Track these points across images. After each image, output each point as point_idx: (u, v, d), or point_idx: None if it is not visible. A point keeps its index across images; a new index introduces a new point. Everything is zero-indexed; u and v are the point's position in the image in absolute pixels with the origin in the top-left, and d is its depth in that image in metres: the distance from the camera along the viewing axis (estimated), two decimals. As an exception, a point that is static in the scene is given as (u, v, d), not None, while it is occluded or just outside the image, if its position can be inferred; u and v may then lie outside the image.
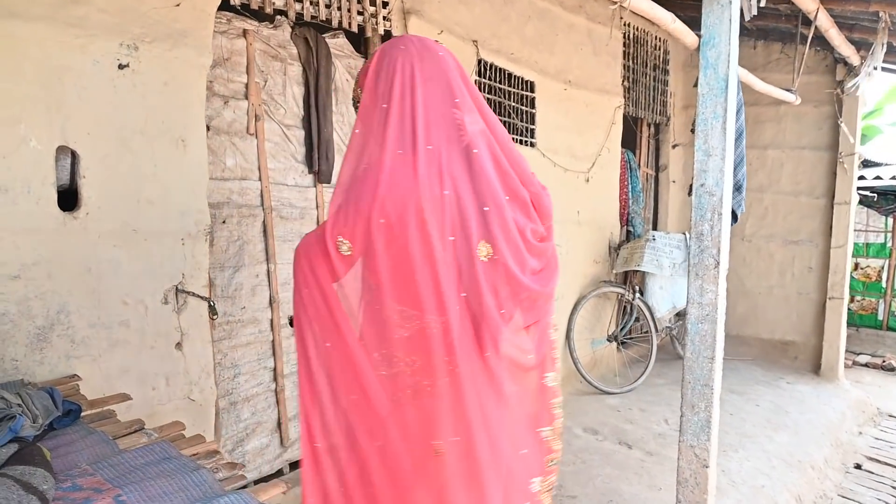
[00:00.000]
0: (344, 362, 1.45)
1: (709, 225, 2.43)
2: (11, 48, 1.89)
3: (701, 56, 2.40)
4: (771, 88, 3.59)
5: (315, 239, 1.46)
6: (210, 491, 1.23)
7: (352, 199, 1.36)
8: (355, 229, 1.36)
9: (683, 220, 6.10)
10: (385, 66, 1.40)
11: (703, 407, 2.47)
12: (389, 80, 1.38)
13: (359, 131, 1.41)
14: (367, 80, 1.42)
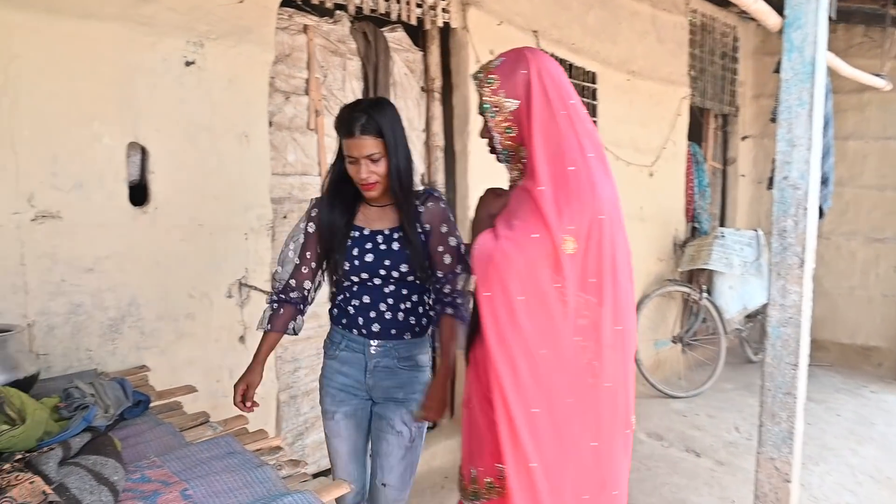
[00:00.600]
0: (561, 367, 1.41)
1: (793, 220, 2.26)
2: (87, 48, 1.94)
3: (784, 38, 2.24)
4: (859, 73, 3.34)
5: (526, 241, 1.36)
6: (273, 488, 1.21)
7: (572, 199, 1.37)
8: (580, 227, 1.38)
9: (754, 216, 5.81)
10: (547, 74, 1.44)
11: (784, 417, 2.30)
12: (556, 88, 1.44)
13: (543, 138, 1.41)
14: (535, 87, 1.42)
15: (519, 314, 1.37)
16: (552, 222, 1.35)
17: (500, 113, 1.44)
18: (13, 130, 1.82)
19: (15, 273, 1.84)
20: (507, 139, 1.47)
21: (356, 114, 1.62)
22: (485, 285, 1.37)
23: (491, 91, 1.44)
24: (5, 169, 1.81)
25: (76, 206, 1.94)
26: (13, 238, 1.84)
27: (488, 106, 1.45)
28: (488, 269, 1.36)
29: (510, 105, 1.43)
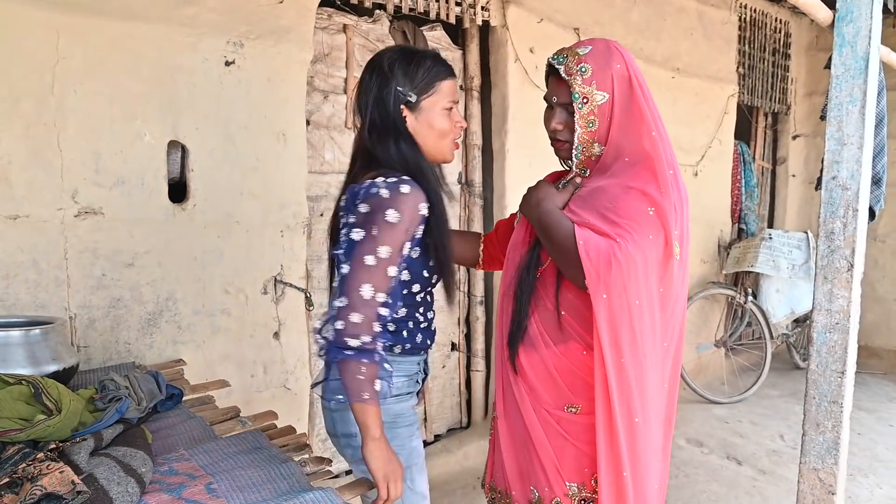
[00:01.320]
0: (655, 375, 1.39)
1: (841, 223, 2.16)
2: (131, 48, 2.00)
3: (836, 33, 2.14)
4: (917, 69, 3.16)
5: (645, 243, 1.31)
6: (297, 484, 1.22)
7: (674, 203, 1.35)
8: (682, 232, 1.36)
9: (804, 218, 5.59)
10: (640, 71, 1.41)
11: (829, 426, 2.21)
12: (647, 87, 1.42)
13: (655, 133, 1.37)
14: (636, 84, 1.38)
15: (635, 319, 1.32)
16: (668, 225, 1.32)
17: (589, 105, 1.36)
18: (59, 129, 1.89)
19: (58, 267, 1.91)
20: (587, 133, 1.39)
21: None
22: (603, 286, 1.29)
23: (583, 80, 1.35)
24: (51, 166, 1.88)
25: (118, 203, 2.00)
26: (57, 233, 1.90)
27: (578, 96, 1.36)
28: (609, 270, 1.28)
29: (600, 98, 1.36)
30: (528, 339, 1.43)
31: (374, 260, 1.24)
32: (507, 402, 1.51)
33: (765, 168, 5.50)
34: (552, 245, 1.37)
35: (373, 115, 1.35)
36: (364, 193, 1.28)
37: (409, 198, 1.26)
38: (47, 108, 1.86)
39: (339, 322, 1.21)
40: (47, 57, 1.85)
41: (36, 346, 1.65)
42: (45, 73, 1.85)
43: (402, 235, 1.26)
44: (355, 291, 1.22)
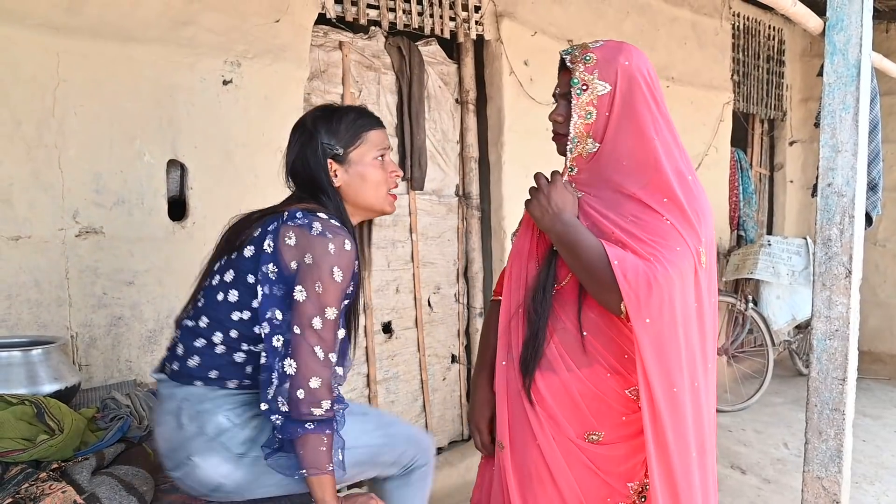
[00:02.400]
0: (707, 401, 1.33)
1: (837, 229, 2.17)
2: (129, 70, 2.02)
3: (827, 41, 2.16)
4: (909, 75, 3.19)
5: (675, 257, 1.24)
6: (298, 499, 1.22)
7: (697, 209, 1.29)
8: (707, 239, 1.30)
9: (803, 224, 5.59)
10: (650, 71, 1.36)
11: (832, 434, 2.20)
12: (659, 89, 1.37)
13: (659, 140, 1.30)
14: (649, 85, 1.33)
15: (682, 343, 1.24)
16: (686, 234, 1.25)
17: (588, 94, 1.30)
18: (60, 150, 1.91)
19: (59, 287, 1.93)
20: (583, 125, 1.31)
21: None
22: (645, 311, 1.20)
23: (585, 68, 1.30)
24: (52, 187, 1.90)
25: (118, 222, 2.02)
26: (58, 253, 1.92)
27: (578, 82, 1.30)
28: (650, 294, 1.20)
29: (601, 88, 1.29)
30: (547, 363, 1.32)
31: (320, 322, 1.19)
32: (517, 432, 1.37)
33: (762, 174, 5.52)
34: (579, 264, 1.27)
35: (302, 174, 1.36)
36: (305, 227, 1.22)
37: (350, 254, 1.24)
38: (48, 130, 1.89)
39: (299, 390, 1.14)
40: (48, 80, 1.88)
41: (38, 366, 1.66)
42: (46, 95, 1.88)
43: (342, 294, 1.24)
44: (310, 355, 1.16)
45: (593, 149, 1.32)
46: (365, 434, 1.36)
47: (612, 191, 1.31)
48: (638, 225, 1.26)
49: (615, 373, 1.30)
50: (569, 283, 1.32)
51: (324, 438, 1.15)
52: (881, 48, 4.86)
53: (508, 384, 1.38)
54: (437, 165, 3.12)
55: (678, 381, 1.24)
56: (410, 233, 3.07)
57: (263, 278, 1.21)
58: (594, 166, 1.33)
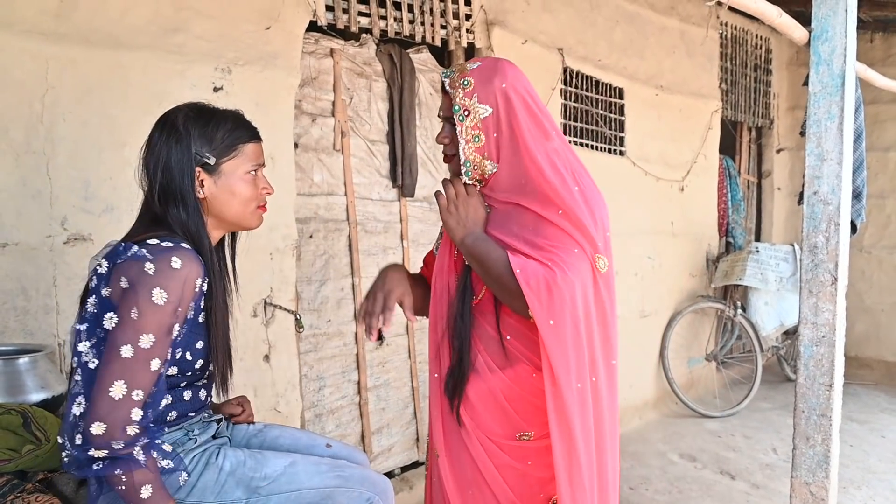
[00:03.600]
0: (608, 396, 1.38)
1: (823, 237, 2.20)
2: (119, 77, 2.02)
3: (812, 52, 2.19)
4: (892, 83, 3.24)
5: (574, 260, 1.30)
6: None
7: (592, 216, 1.34)
8: (607, 244, 1.35)
9: (791, 231, 5.65)
10: (526, 88, 1.39)
11: (819, 440, 2.22)
12: (537, 103, 1.40)
13: (541, 157, 1.34)
14: (526, 104, 1.37)
15: (583, 341, 1.30)
16: (581, 240, 1.31)
17: (471, 118, 1.34)
18: (48, 157, 1.90)
19: (47, 294, 1.91)
20: (474, 149, 1.35)
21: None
22: (547, 313, 1.26)
23: (464, 93, 1.34)
24: (41, 194, 1.89)
25: (106, 229, 2.00)
26: (46, 260, 1.91)
27: (458, 109, 1.33)
28: (552, 296, 1.25)
29: (483, 112, 1.33)
30: (472, 367, 1.38)
31: (131, 351, 1.07)
32: (450, 437, 1.43)
33: (750, 182, 5.57)
34: (487, 275, 1.34)
35: (162, 178, 1.24)
36: (126, 260, 1.11)
37: (180, 272, 1.11)
38: (37, 136, 1.87)
39: (77, 435, 1.04)
40: (36, 86, 1.87)
41: (24, 375, 1.64)
42: (35, 102, 1.86)
43: (168, 318, 1.11)
44: (102, 392, 1.05)
45: (493, 169, 1.38)
46: (318, 475, 1.31)
47: (514, 205, 1.36)
48: (538, 233, 1.32)
49: (539, 371, 1.33)
50: (485, 295, 1.39)
51: (122, 477, 1.07)
52: (865, 58, 4.93)
53: (441, 396, 1.43)
54: (427, 172, 3.13)
55: (582, 378, 1.30)
56: (402, 240, 3.07)
57: (85, 314, 1.12)
58: (497, 185, 1.38)
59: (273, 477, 1.27)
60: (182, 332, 1.18)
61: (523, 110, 1.36)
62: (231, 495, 1.24)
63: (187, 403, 1.28)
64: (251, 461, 1.28)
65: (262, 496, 1.25)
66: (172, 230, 1.23)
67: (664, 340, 4.41)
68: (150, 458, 1.11)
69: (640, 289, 4.16)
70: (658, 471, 3.43)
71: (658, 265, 4.28)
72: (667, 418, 4.28)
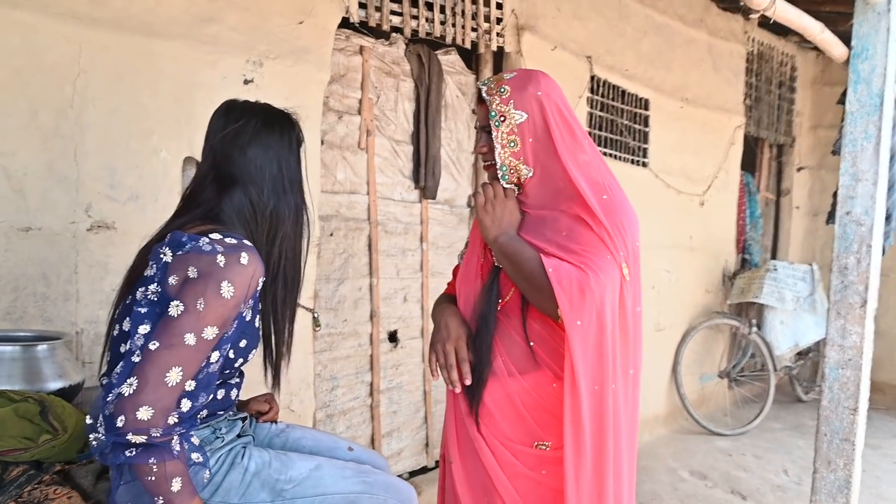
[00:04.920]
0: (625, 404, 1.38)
1: (855, 258, 2.16)
2: (150, 65, 2.00)
3: (851, 70, 2.15)
4: (927, 107, 3.19)
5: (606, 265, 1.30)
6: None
7: (619, 224, 1.35)
8: (627, 253, 1.35)
9: (808, 250, 5.59)
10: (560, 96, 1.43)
11: (841, 465, 2.18)
12: (570, 112, 1.43)
13: (572, 163, 1.37)
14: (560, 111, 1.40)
15: (607, 346, 1.30)
16: (611, 247, 1.32)
17: (507, 124, 1.37)
18: (76, 142, 1.88)
19: (68, 281, 1.89)
20: (510, 154, 1.39)
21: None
22: (576, 314, 1.26)
23: (501, 100, 1.38)
24: (67, 179, 1.87)
25: (131, 218, 1.98)
26: (69, 247, 1.89)
27: (495, 115, 1.37)
28: (583, 298, 1.26)
29: (518, 117, 1.37)
30: (490, 370, 1.38)
31: (194, 339, 1.05)
32: (464, 443, 1.43)
33: (769, 199, 5.52)
34: (518, 273, 1.34)
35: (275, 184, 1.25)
36: (193, 251, 1.09)
37: (247, 269, 1.11)
38: (66, 121, 1.86)
39: (120, 417, 1.00)
40: (68, 70, 1.85)
41: (42, 362, 1.62)
42: (66, 86, 1.85)
43: (230, 312, 1.10)
44: (159, 377, 1.02)
45: (528, 174, 1.40)
46: (343, 480, 1.29)
47: (550, 209, 1.38)
48: (571, 238, 1.33)
49: (559, 380, 1.34)
50: (512, 297, 1.39)
51: (153, 467, 1.03)
52: None
53: (456, 403, 1.43)
54: (450, 175, 3.10)
55: (602, 381, 1.31)
56: (421, 242, 3.05)
57: (143, 299, 1.09)
58: (534, 188, 1.40)
59: (298, 480, 1.24)
60: (233, 328, 1.16)
61: (557, 117, 1.39)
62: (256, 497, 1.21)
63: (218, 402, 1.26)
64: (276, 462, 1.25)
65: (287, 499, 1.22)
66: (227, 226, 1.21)
67: (677, 355, 4.36)
68: (183, 449, 1.09)
69: (657, 302, 4.12)
70: (668, 487, 3.38)
71: (675, 279, 4.24)
72: (677, 434, 4.22)
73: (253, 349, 1.26)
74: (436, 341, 1.43)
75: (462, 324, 1.42)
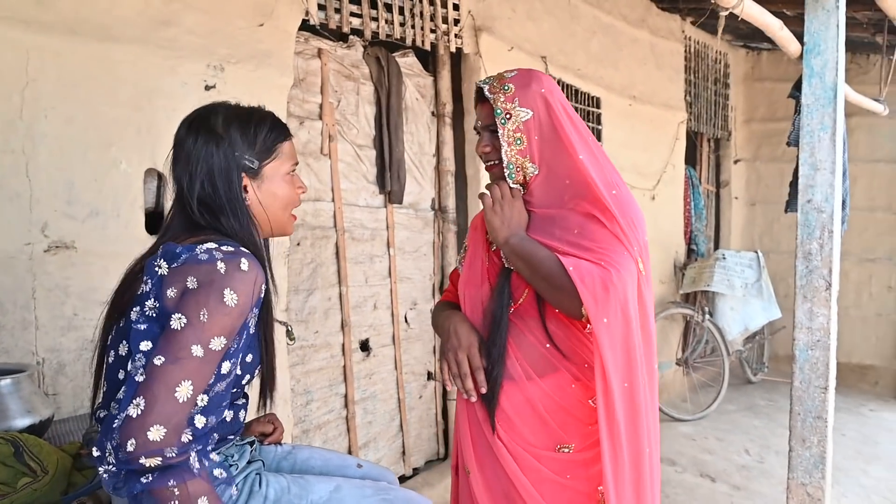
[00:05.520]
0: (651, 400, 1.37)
1: (818, 244, 2.26)
2: (107, 71, 1.87)
3: (805, 65, 2.25)
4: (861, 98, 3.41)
5: (625, 261, 1.29)
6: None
7: (631, 219, 1.34)
8: (643, 248, 1.35)
9: (748, 238, 5.86)
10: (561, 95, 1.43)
11: (815, 441, 2.27)
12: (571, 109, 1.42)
13: (584, 157, 1.35)
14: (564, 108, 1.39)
15: (633, 342, 1.29)
16: (626, 242, 1.31)
17: (513, 122, 1.35)
18: (28, 156, 1.73)
19: (25, 307, 1.74)
20: (516, 151, 1.37)
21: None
22: (602, 311, 1.25)
23: (505, 98, 1.35)
24: (19, 197, 1.72)
25: (91, 236, 1.84)
26: (25, 270, 1.73)
27: (500, 112, 1.35)
28: (608, 295, 1.24)
29: (524, 115, 1.35)
30: (507, 374, 1.35)
31: (202, 351, 0.98)
32: (482, 452, 1.39)
33: (710, 191, 5.75)
34: (536, 274, 1.31)
35: (204, 188, 1.12)
36: (190, 261, 1.02)
37: (248, 275, 1.04)
38: (15, 133, 1.70)
39: (130, 441, 0.91)
40: (16, 79, 1.70)
41: (7, 398, 1.48)
42: (14, 96, 1.70)
43: (236, 322, 1.03)
44: (168, 393, 0.95)
45: (535, 171, 1.38)
46: (364, 499, 1.23)
47: (558, 207, 1.36)
48: (584, 236, 1.31)
49: (577, 381, 1.34)
50: (526, 298, 1.37)
51: (174, 491, 0.95)
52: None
53: (469, 410, 1.40)
54: (413, 179, 3.06)
55: (631, 378, 1.30)
56: (388, 247, 2.99)
57: (139, 318, 1.02)
58: (539, 187, 1.38)
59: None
60: (239, 341, 1.08)
61: (563, 113, 1.38)
62: None
63: (228, 424, 1.17)
64: (295, 487, 1.18)
65: None
66: (222, 235, 1.13)
67: (637, 346, 4.47)
68: (203, 466, 1.01)
69: (616, 296, 4.20)
70: (641, 477, 3.46)
71: (631, 272, 4.35)
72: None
73: (258, 365, 1.19)
74: (447, 350, 1.38)
75: (472, 330, 1.38)
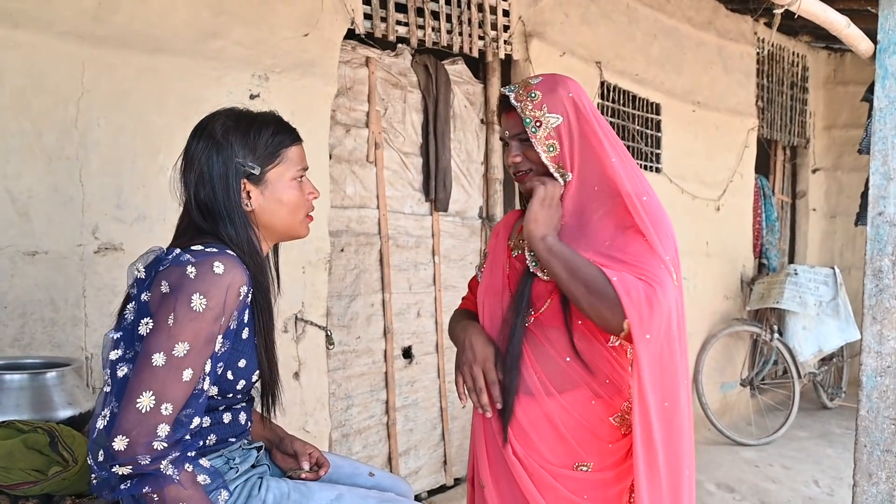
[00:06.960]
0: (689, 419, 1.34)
1: (889, 260, 2.07)
2: (156, 82, 1.96)
3: (878, 65, 2.08)
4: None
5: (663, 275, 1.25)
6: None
7: (663, 228, 1.31)
8: (674, 257, 1.30)
9: (827, 253, 5.49)
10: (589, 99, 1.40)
11: (883, 477, 2.08)
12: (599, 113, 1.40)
13: (615, 160, 1.33)
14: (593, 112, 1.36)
15: (677, 358, 1.27)
16: (661, 254, 1.26)
17: (543, 129, 1.31)
18: (81, 163, 1.84)
19: (76, 305, 1.84)
20: (550, 159, 1.32)
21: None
22: (646, 327, 1.20)
23: (533, 105, 1.31)
24: (72, 201, 1.82)
25: (138, 238, 1.93)
26: (76, 270, 1.84)
27: (530, 121, 1.31)
28: (652, 311, 1.20)
29: (554, 120, 1.31)
30: (525, 388, 1.31)
31: (163, 359, 0.99)
32: (497, 466, 1.35)
33: (784, 202, 5.43)
34: (573, 278, 1.24)
35: (204, 193, 1.14)
36: (168, 266, 1.05)
37: (223, 278, 1.04)
38: (70, 141, 1.81)
39: (100, 451, 0.98)
40: (71, 90, 1.81)
41: (52, 390, 1.56)
42: (69, 105, 1.81)
43: (208, 327, 1.02)
44: (130, 404, 0.97)
45: (568, 178, 1.34)
46: None
47: (590, 216, 1.32)
48: (618, 247, 1.27)
49: (598, 397, 1.30)
50: (550, 307, 1.32)
51: (153, 496, 0.99)
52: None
53: (485, 424, 1.36)
54: (461, 187, 3.05)
55: (672, 397, 1.27)
56: (433, 255, 2.98)
57: (121, 323, 1.07)
58: (571, 196, 1.34)
59: None
60: (225, 345, 1.09)
61: (592, 116, 1.34)
62: None
63: (227, 427, 1.18)
64: (295, 494, 1.18)
65: None
66: (220, 240, 1.15)
67: (698, 364, 4.26)
68: (183, 472, 1.02)
69: (675, 310, 4.03)
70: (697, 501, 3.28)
71: (692, 286, 4.15)
72: (700, 445, 4.10)
73: (255, 370, 1.19)
74: (461, 363, 1.35)
75: (487, 342, 1.34)
